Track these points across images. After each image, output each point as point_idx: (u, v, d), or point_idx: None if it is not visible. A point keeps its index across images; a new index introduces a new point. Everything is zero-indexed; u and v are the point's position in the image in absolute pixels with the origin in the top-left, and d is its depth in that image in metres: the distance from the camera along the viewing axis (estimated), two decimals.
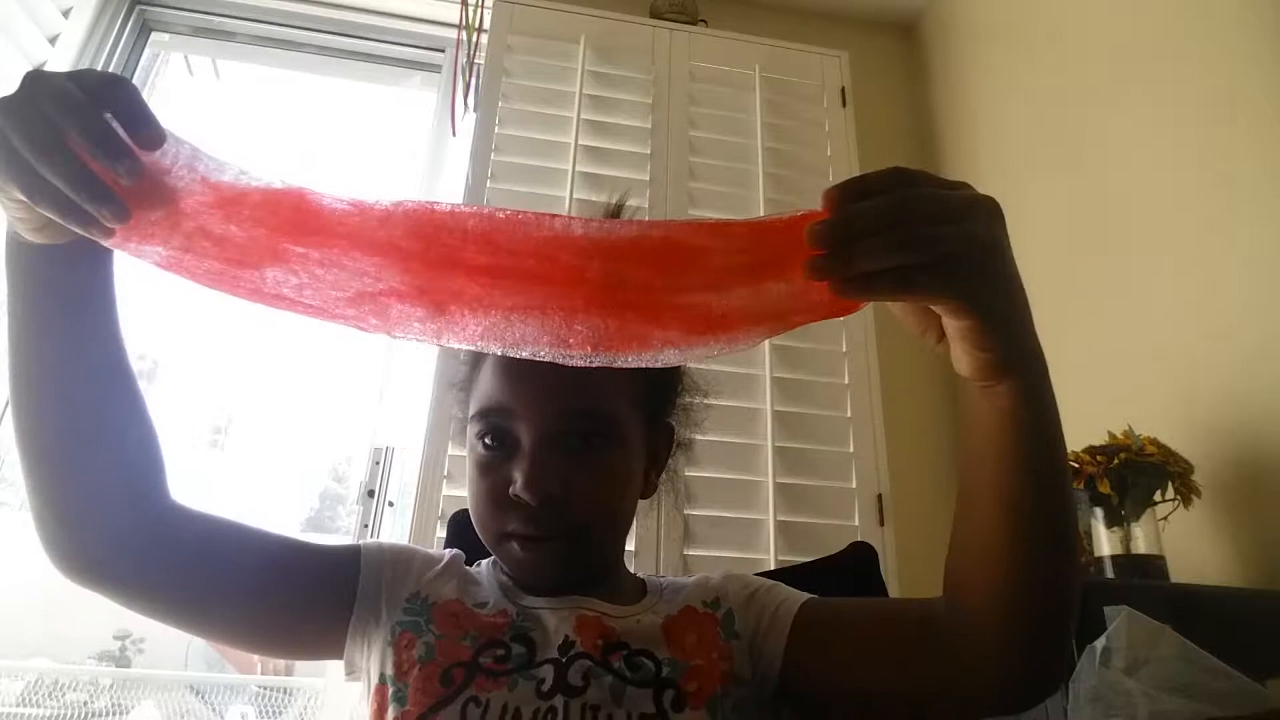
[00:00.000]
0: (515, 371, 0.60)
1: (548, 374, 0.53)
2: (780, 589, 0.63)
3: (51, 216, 0.42)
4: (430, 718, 0.53)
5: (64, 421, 0.50)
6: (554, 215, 0.44)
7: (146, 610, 0.55)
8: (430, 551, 0.66)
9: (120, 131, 0.41)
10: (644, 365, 0.44)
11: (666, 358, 0.44)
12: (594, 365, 0.44)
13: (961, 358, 0.44)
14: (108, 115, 0.41)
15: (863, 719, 0.61)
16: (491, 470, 0.60)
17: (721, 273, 0.43)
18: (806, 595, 0.62)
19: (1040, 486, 0.47)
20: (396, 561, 0.63)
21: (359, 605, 0.60)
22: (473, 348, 0.46)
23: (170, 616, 0.56)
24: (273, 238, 0.44)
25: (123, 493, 0.52)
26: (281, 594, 0.59)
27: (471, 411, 0.63)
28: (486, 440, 0.61)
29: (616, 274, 0.43)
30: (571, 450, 0.59)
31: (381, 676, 0.57)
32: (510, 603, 0.60)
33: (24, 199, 0.41)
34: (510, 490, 0.58)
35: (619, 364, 0.44)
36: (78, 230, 0.42)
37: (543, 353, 0.44)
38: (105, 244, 0.44)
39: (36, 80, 0.41)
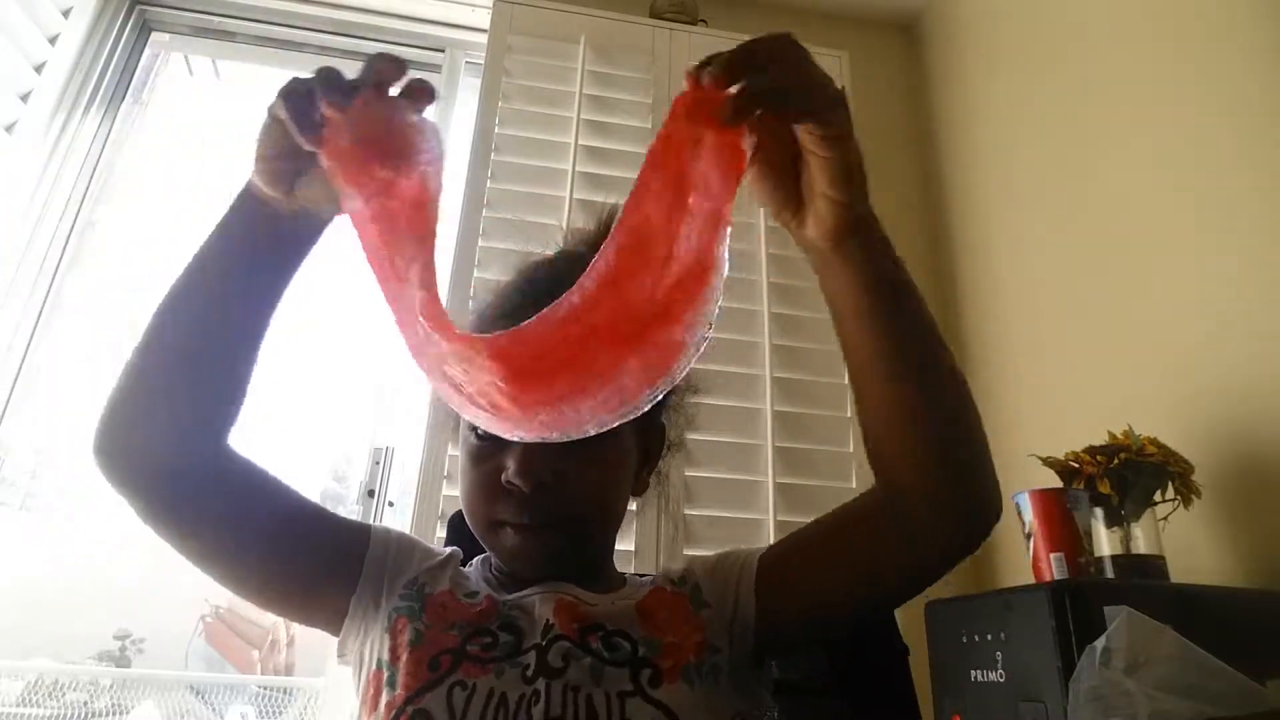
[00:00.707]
0: None
1: None
2: (738, 551, 0.64)
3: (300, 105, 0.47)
4: (416, 700, 0.53)
5: (193, 343, 0.54)
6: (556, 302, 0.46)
7: (166, 531, 0.56)
8: (431, 546, 0.67)
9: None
10: (696, 352, 0.47)
11: (700, 326, 0.47)
12: (666, 392, 0.48)
13: (821, 212, 0.49)
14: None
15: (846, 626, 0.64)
16: (484, 459, 0.61)
17: (665, 233, 0.46)
18: (764, 546, 0.63)
19: (909, 324, 0.52)
20: (401, 547, 0.64)
21: (363, 583, 0.61)
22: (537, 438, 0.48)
23: (186, 545, 0.57)
24: (408, 252, 0.48)
25: (194, 423, 0.55)
26: (298, 554, 0.60)
27: None
28: (479, 431, 0.61)
29: (620, 310, 0.45)
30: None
31: (378, 662, 0.58)
32: (497, 594, 0.61)
33: (289, 96, 0.47)
34: (503, 477, 0.58)
35: (681, 373, 0.47)
36: (299, 120, 0.46)
37: (627, 413, 0.47)
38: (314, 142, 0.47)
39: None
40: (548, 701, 0.52)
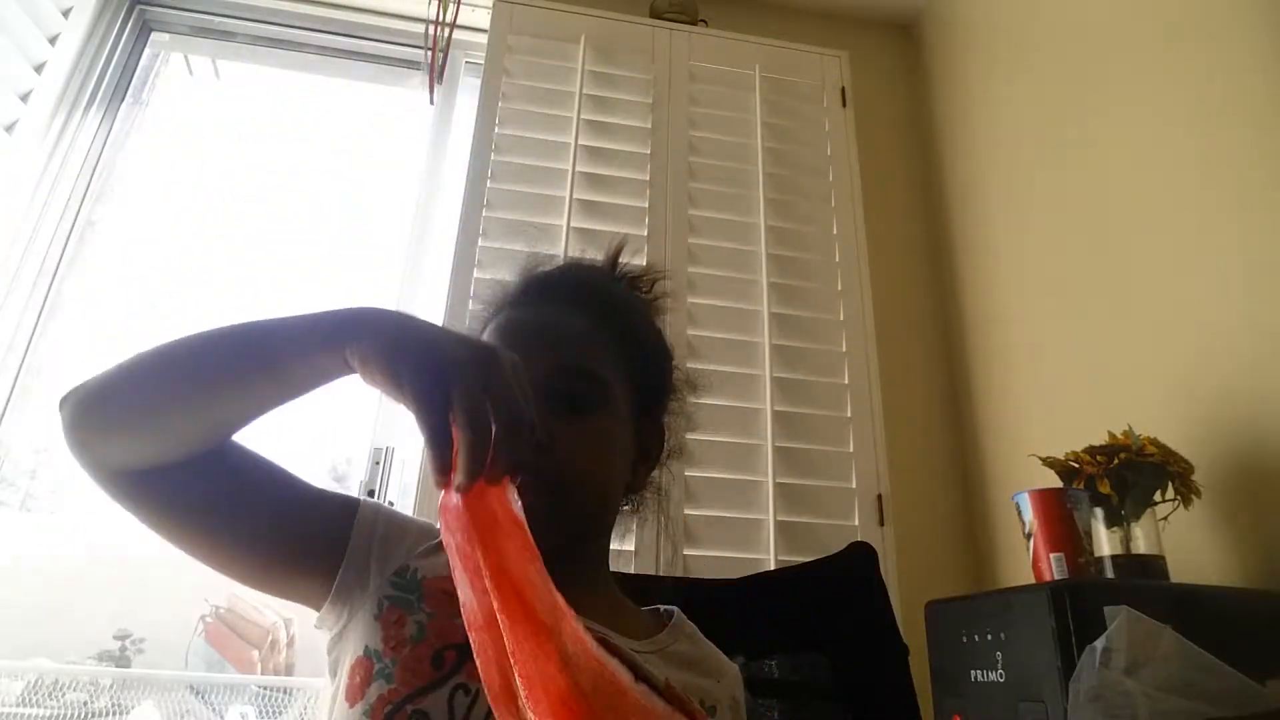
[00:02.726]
0: (509, 331, 0.62)
1: (540, 333, 0.59)
2: None
3: (425, 435, 0.42)
4: (417, 700, 0.52)
5: (206, 391, 0.51)
6: None
7: (140, 515, 0.53)
8: (427, 523, 0.63)
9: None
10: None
11: None
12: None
13: None
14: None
15: None
16: None
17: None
18: None
19: None
20: (390, 529, 0.61)
21: (345, 569, 0.58)
22: None
23: (160, 527, 0.54)
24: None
25: (184, 445, 0.53)
26: (278, 538, 0.57)
27: None
28: None
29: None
30: (560, 406, 0.58)
31: (366, 649, 0.56)
32: None
33: (418, 402, 0.42)
34: None
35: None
36: (433, 460, 0.42)
37: None
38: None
39: (504, 355, 0.46)
40: None
